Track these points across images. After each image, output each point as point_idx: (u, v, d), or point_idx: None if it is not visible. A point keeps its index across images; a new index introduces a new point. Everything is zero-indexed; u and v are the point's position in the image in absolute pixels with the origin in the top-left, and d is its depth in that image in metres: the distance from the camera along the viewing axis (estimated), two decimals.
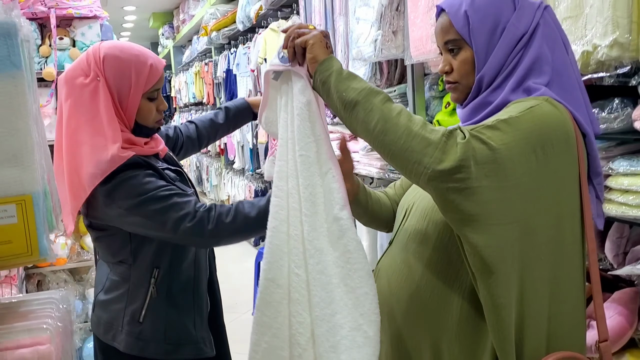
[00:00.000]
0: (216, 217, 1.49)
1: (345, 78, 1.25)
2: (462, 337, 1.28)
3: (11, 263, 1.05)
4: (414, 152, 1.11)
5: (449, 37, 1.28)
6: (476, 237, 1.12)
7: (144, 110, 1.58)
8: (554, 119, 1.15)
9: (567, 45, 1.25)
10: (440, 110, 2.36)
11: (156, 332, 1.61)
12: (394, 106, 1.18)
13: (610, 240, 1.71)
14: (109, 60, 1.52)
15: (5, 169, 1.01)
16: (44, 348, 1.07)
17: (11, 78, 1.01)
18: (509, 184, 1.10)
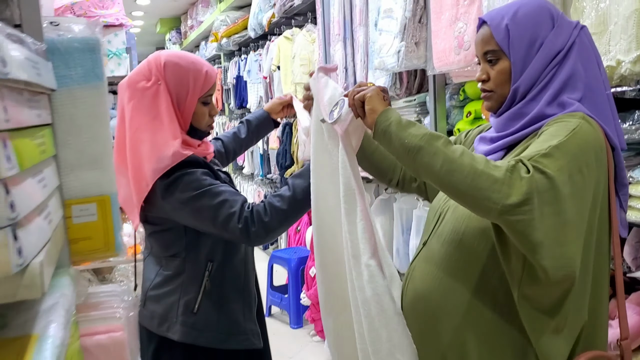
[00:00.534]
0: (257, 218, 1.58)
1: (405, 126, 1.32)
2: (490, 342, 1.36)
3: (90, 257, 1.13)
4: (482, 190, 1.16)
5: (488, 48, 1.36)
6: (546, 263, 1.17)
7: (199, 114, 1.69)
8: (591, 137, 1.23)
9: (600, 63, 1.33)
10: (460, 120, 2.45)
11: (209, 322, 1.70)
12: (455, 147, 1.24)
13: (629, 244, 1.81)
14: (169, 66, 1.64)
15: (88, 171, 1.09)
16: (118, 335, 1.14)
17: (95, 89, 1.09)
18: (565, 207, 1.16)
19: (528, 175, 1.15)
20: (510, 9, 1.35)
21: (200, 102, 1.69)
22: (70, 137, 1.08)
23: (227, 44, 6.61)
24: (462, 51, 2.20)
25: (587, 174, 1.21)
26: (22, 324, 0.82)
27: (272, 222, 1.59)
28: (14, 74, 0.67)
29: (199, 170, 1.60)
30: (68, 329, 0.87)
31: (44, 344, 0.75)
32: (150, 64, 1.65)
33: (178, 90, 1.65)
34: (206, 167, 1.64)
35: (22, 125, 0.74)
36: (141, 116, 1.61)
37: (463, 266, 1.39)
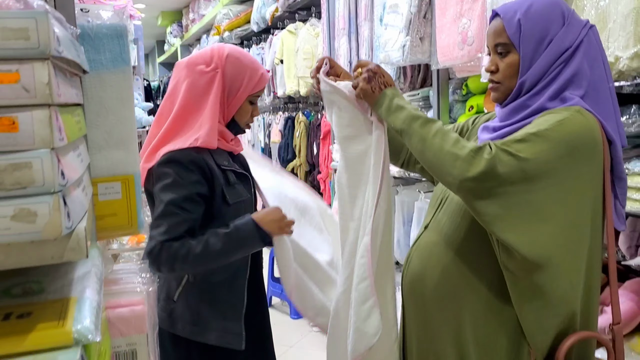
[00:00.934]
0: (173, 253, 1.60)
1: (393, 111, 1.47)
2: (485, 321, 1.43)
3: (115, 233, 1.19)
4: (446, 166, 1.32)
5: (499, 40, 1.41)
6: (507, 236, 1.28)
7: (244, 110, 1.77)
8: (582, 128, 1.30)
9: (605, 63, 1.38)
10: (463, 114, 2.51)
11: (186, 313, 1.72)
12: (431, 127, 1.38)
13: (624, 233, 1.87)
14: (230, 58, 1.72)
15: (114, 151, 1.15)
16: (139, 309, 1.18)
17: (122, 73, 1.14)
18: (535, 187, 1.26)
19: (490, 155, 1.26)
20: (523, 3, 1.39)
21: (248, 100, 1.76)
22: (98, 119, 1.14)
23: (229, 38, 6.66)
24: (466, 46, 2.26)
25: (571, 162, 1.28)
26: (59, 289, 0.88)
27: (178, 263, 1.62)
28: (65, 53, 0.73)
29: (188, 173, 1.65)
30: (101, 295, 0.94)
31: (84, 304, 0.81)
32: (213, 52, 1.73)
33: (232, 83, 1.72)
34: (204, 170, 1.67)
35: (67, 101, 0.80)
36: (191, 97, 1.70)
37: (460, 248, 1.46)
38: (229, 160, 1.77)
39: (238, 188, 1.75)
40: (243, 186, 1.78)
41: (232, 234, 1.63)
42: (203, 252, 1.60)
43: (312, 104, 5.18)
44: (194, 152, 1.66)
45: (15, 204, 0.67)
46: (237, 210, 1.73)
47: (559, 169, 1.27)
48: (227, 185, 1.72)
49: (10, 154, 0.66)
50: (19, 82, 0.66)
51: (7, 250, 0.70)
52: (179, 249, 1.60)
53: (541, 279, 1.32)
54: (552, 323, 1.36)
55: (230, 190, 1.73)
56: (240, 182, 1.78)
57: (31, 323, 0.74)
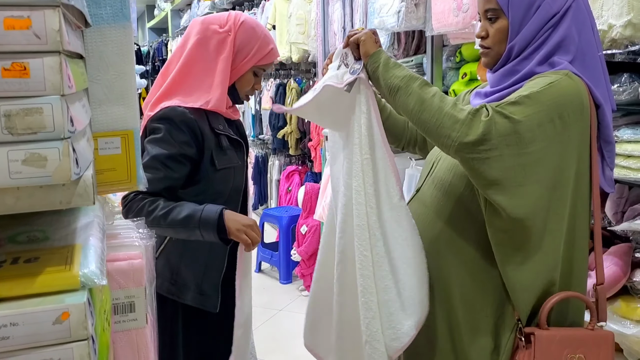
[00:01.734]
0: (140, 206, 1.63)
1: (391, 67, 1.46)
2: (472, 279, 1.48)
3: (114, 188, 1.20)
4: (444, 128, 1.33)
5: (489, 6, 1.43)
6: (500, 198, 1.31)
7: (246, 79, 1.79)
8: (571, 91, 1.33)
9: (594, 28, 1.41)
10: (456, 81, 2.53)
11: (165, 270, 1.76)
12: (429, 89, 1.39)
13: (611, 199, 1.92)
14: (245, 25, 1.74)
15: (114, 106, 1.16)
16: (137, 262, 1.20)
17: (122, 28, 1.15)
18: (529, 150, 1.29)
19: (487, 118, 1.28)
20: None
21: (252, 70, 1.78)
22: (99, 73, 1.14)
23: (220, 3, 6.58)
24: (461, 13, 2.27)
25: (560, 125, 1.31)
26: (64, 237, 0.90)
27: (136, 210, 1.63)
28: (73, 2, 0.74)
29: (182, 131, 1.67)
30: (104, 243, 0.96)
31: (89, 250, 0.84)
32: (230, 16, 1.76)
33: (241, 49, 1.74)
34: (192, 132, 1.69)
35: (74, 51, 0.81)
36: (200, 52, 1.72)
37: (450, 208, 1.50)
38: (225, 125, 1.79)
39: (229, 154, 1.77)
40: (235, 152, 1.80)
41: (195, 212, 1.62)
42: (163, 217, 1.61)
43: (303, 70, 5.16)
44: (191, 112, 1.68)
45: (27, 149, 0.69)
46: (226, 175, 1.75)
47: (549, 131, 1.30)
48: (219, 149, 1.74)
49: (22, 99, 0.68)
50: (30, 28, 0.67)
51: (17, 194, 0.72)
52: (148, 204, 1.63)
53: (524, 237, 1.36)
54: (534, 282, 1.40)
55: (221, 155, 1.74)
56: (232, 148, 1.79)
57: (39, 267, 0.76)
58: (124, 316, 1.18)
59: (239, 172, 1.81)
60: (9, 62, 0.67)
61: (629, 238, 1.92)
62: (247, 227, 1.63)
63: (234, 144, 1.80)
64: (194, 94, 1.70)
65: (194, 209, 1.62)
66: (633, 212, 1.84)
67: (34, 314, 0.70)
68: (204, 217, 1.61)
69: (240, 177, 1.81)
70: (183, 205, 1.64)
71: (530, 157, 1.30)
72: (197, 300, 1.77)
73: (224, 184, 1.76)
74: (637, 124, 1.79)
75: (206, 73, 1.71)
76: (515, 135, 1.28)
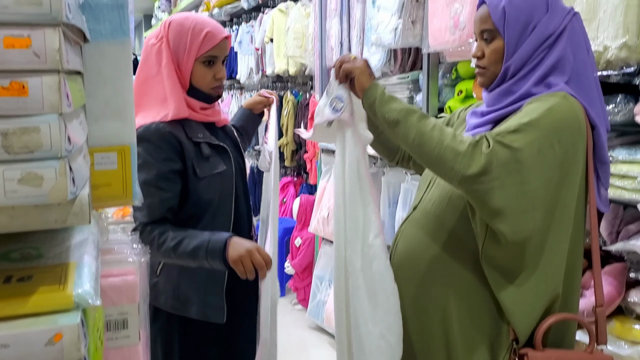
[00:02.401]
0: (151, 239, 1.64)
1: (387, 101, 1.45)
2: (469, 298, 1.47)
3: (109, 203, 1.20)
4: (446, 161, 1.33)
5: (485, 27, 1.45)
6: (503, 226, 1.31)
7: (198, 74, 1.73)
8: (569, 114, 1.33)
9: (589, 49, 1.42)
10: (452, 98, 2.54)
11: (168, 287, 1.75)
12: (428, 122, 1.39)
13: (606, 219, 1.92)
14: (173, 25, 1.72)
15: (111, 122, 1.15)
16: (131, 278, 1.18)
17: (121, 44, 1.14)
18: (531, 177, 1.30)
19: (488, 149, 1.28)
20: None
21: (200, 62, 1.72)
22: (96, 89, 1.14)
23: (218, 14, 6.59)
24: (457, 31, 2.28)
25: (559, 149, 1.32)
26: (58, 255, 0.89)
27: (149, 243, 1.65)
28: (74, 20, 0.74)
29: (155, 146, 1.66)
30: (99, 261, 0.95)
31: (83, 269, 0.83)
32: (162, 24, 1.75)
33: (177, 49, 1.71)
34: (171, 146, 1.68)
35: (73, 69, 0.81)
36: (146, 69, 1.71)
37: (447, 230, 1.50)
38: (204, 132, 1.76)
39: (212, 161, 1.74)
40: (220, 158, 1.77)
41: (203, 243, 1.61)
42: (173, 249, 1.62)
43: (300, 83, 5.17)
44: (164, 126, 1.67)
45: (23, 168, 0.69)
46: (211, 183, 1.73)
47: (549, 157, 1.31)
48: (200, 157, 1.71)
49: (19, 118, 0.67)
50: (30, 48, 0.67)
51: (12, 213, 0.71)
52: (157, 237, 1.64)
53: (524, 260, 1.36)
54: (534, 305, 1.40)
55: (202, 164, 1.72)
56: (216, 155, 1.76)
57: (32, 286, 0.75)
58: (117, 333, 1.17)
59: (227, 177, 1.77)
60: (7, 81, 0.66)
61: (624, 258, 1.93)
62: (247, 253, 1.58)
63: (218, 150, 1.78)
64: (152, 110, 1.68)
65: (201, 240, 1.62)
66: (628, 232, 1.85)
67: (26, 335, 0.69)
68: (210, 248, 1.60)
69: (229, 183, 1.78)
70: (191, 235, 1.63)
71: (533, 184, 1.30)
72: (202, 313, 1.76)
73: (211, 192, 1.73)
74: (632, 145, 1.80)
75: (157, 87, 1.70)
76: (516, 164, 1.29)
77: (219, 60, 1.76)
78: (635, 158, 1.73)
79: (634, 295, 1.83)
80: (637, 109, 1.71)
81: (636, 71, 1.70)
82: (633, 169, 1.73)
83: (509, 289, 1.38)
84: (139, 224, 1.64)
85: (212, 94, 1.79)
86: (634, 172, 1.72)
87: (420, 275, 1.54)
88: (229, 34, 1.77)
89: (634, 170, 1.73)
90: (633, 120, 1.73)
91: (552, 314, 1.43)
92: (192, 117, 1.73)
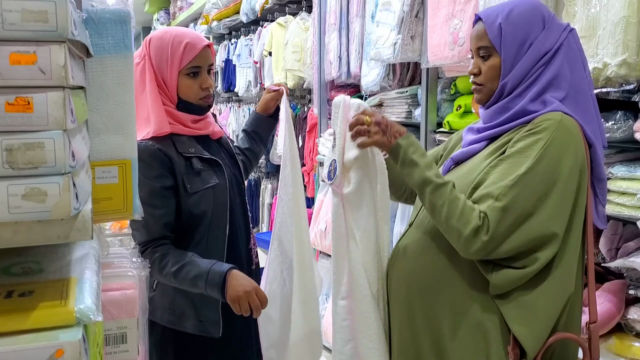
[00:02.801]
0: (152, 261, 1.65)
1: (407, 166, 1.47)
2: (469, 311, 1.46)
3: (110, 217, 1.19)
4: (451, 238, 1.40)
5: (481, 44, 1.46)
6: (516, 264, 1.35)
7: (184, 86, 1.72)
8: (567, 142, 1.34)
9: (585, 65, 1.43)
10: (450, 112, 2.55)
11: (164, 301, 1.75)
12: (440, 195, 1.40)
13: (605, 236, 1.92)
14: (153, 41, 1.72)
15: (113, 136, 1.15)
16: (131, 292, 1.18)
17: (124, 58, 1.15)
18: (534, 221, 1.33)
19: (487, 237, 1.32)
20: (505, 8, 1.43)
21: (184, 75, 1.71)
22: (98, 103, 1.14)
23: (217, 27, 6.62)
24: (457, 47, 2.29)
25: (560, 184, 1.33)
26: (58, 269, 0.89)
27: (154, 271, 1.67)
28: (78, 36, 0.74)
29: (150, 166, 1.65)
30: (99, 276, 0.95)
31: (84, 284, 0.83)
32: (144, 42, 1.74)
33: (159, 64, 1.70)
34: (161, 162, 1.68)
35: (77, 84, 0.81)
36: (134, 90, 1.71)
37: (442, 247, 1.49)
38: (196, 147, 1.74)
39: (204, 175, 1.73)
40: (212, 172, 1.76)
41: (202, 274, 1.63)
42: (173, 275, 1.64)
43: (298, 96, 5.18)
44: (153, 143, 1.66)
45: (27, 183, 0.69)
46: (203, 197, 1.72)
47: (551, 195, 1.33)
48: (191, 172, 1.71)
49: (24, 134, 0.68)
50: (36, 64, 0.67)
51: (15, 229, 0.71)
52: (158, 260, 1.65)
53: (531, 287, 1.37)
54: (544, 328, 1.40)
55: (193, 178, 1.71)
56: (208, 168, 1.75)
57: (33, 301, 0.75)
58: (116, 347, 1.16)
59: (220, 191, 1.76)
60: (12, 97, 0.67)
61: (623, 275, 1.93)
62: (245, 294, 1.61)
63: (211, 164, 1.76)
64: (139, 130, 1.64)
65: (200, 270, 1.63)
66: (627, 249, 1.85)
67: (27, 351, 0.69)
68: (209, 280, 1.62)
69: (222, 196, 1.76)
70: (191, 263, 1.65)
71: (535, 227, 1.32)
72: (198, 327, 1.75)
73: (203, 206, 1.72)
74: (631, 161, 1.81)
75: (142, 106, 1.68)
76: (519, 218, 1.32)
77: (203, 70, 1.75)
78: (634, 175, 1.73)
79: (633, 312, 1.83)
80: (636, 126, 1.71)
81: (636, 88, 1.71)
82: (632, 186, 1.73)
83: (520, 319, 1.38)
84: (139, 244, 1.65)
85: (202, 104, 1.78)
86: (633, 189, 1.72)
87: (419, 290, 1.54)
88: (210, 42, 1.75)
89: (633, 187, 1.73)
90: (632, 137, 1.73)
91: (553, 335, 1.41)
92: (182, 132, 1.72)
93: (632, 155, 1.85)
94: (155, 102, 1.68)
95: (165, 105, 1.71)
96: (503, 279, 1.36)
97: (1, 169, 0.67)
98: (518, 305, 1.37)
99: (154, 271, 1.64)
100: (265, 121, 2.09)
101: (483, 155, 1.46)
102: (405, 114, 2.84)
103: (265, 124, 2.10)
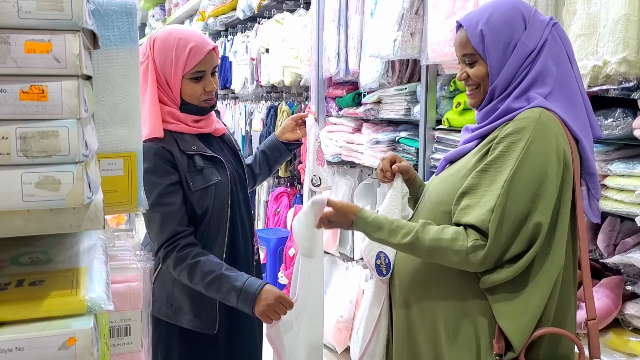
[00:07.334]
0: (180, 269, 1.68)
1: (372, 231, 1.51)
2: (457, 310, 1.47)
3: (115, 209, 1.20)
4: (459, 266, 1.40)
5: (466, 52, 1.45)
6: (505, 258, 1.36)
7: (187, 90, 1.71)
8: (545, 140, 1.34)
9: (571, 58, 1.43)
10: (450, 109, 2.56)
11: (162, 294, 1.76)
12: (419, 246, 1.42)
13: (603, 232, 1.94)
14: (157, 42, 1.69)
15: (118, 128, 1.16)
16: (135, 285, 1.19)
17: (129, 51, 1.15)
18: (528, 224, 1.33)
19: (483, 254, 1.34)
20: (484, 12, 1.42)
21: (188, 79, 1.70)
22: (104, 95, 1.14)
23: (213, 24, 6.60)
24: None
25: (551, 176, 1.34)
26: (67, 259, 0.89)
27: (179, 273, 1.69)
28: (92, 26, 0.75)
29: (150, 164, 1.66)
30: (108, 266, 0.95)
31: (94, 274, 0.83)
32: (147, 40, 1.72)
33: (163, 66, 1.69)
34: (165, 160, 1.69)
35: (88, 74, 0.81)
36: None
37: None
38: (198, 144, 1.74)
39: (206, 172, 1.73)
40: (215, 169, 1.75)
41: (235, 290, 1.65)
42: (204, 287, 1.67)
43: (295, 94, 5.18)
44: (155, 142, 1.66)
45: (41, 172, 0.69)
46: (205, 195, 1.73)
47: (541, 193, 1.33)
48: (194, 170, 1.71)
49: (38, 122, 0.68)
50: (51, 52, 0.67)
51: (27, 217, 0.71)
52: (188, 269, 1.67)
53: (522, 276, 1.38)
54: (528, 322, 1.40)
55: (195, 176, 1.71)
56: (210, 165, 1.75)
57: (44, 290, 0.75)
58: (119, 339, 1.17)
59: (222, 188, 1.76)
60: (27, 85, 0.67)
61: (621, 270, 1.94)
62: (269, 307, 1.66)
63: (213, 161, 1.76)
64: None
65: (231, 287, 1.66)
66: (625, 245, 1.86)
67: (40, 339, 0.69)
68: (242, 298, 1.65)
69: (224, 193, 1.76)
70: (221, 278, 1.66)
71: (530, 230, 1.33)
72: (193, 323, 1.75)
73: (205, 203, 1.73)
74: (629, 158, 1.82)
75: (143, 106, 1.66)
76: (515, 223, 1.33)
77: (207, 74, 1.73)
78: (633, 172, 1.75)
79: (630, 307, 1.85)
80: (635, 124, 1.72)
81: (635, 86, 1.72)
82: (631, 183, 1.74)
83: (508, 314, 1.39)
84: (157, 246, 1.67)
85: (205, 106, 1.77)
86: (632, 186, 1.74)
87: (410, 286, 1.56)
88: (214, 45, 1.73)
89: (632, 183, 1.74)
90: (631, 135, 1.74)
91: (542, 328, 1.41)
92: (184, 130, 1.72)
93: (631, 152, 1.86)
94: (152, 105, 1.67)
95: (167, 106, 1.71)
96: (493, 274, 1.38)
97: (15, 157, 0.67)
98: (504, 299, 1.38)
99: (181, 275, 1.67)
100: (277, 146, 2.07)
101: (472, 153, 1.48)
102: (404, 111, 2.84)
103: (277, 149, 2.07)
